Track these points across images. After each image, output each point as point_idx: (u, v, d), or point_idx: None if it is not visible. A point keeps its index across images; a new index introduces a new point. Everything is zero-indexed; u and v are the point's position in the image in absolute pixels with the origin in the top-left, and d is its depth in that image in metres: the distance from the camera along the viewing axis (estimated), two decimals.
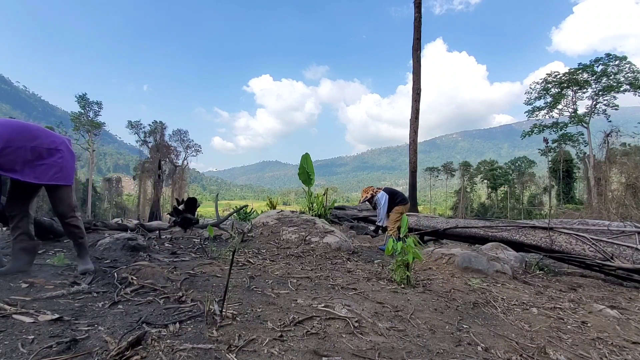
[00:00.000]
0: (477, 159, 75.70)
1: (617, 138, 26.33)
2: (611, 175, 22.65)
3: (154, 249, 4.12)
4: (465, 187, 59.78)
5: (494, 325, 2.38)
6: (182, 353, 1.47)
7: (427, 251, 4.71)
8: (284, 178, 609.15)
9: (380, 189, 5.87)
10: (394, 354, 1.73)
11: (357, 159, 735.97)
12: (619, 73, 31.23)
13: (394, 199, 5.72)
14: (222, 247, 4.40)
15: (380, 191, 5.76)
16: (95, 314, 1.92)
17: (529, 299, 3.15)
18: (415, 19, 11.99)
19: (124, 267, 2.99)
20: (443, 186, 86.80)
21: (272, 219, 5.75)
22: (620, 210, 13.63)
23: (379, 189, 5.82)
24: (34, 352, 1.43)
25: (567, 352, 2.04)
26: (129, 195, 70.03)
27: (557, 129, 35.95)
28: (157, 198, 38.36)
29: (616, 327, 2.57)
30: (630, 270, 4.43)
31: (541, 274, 4.58)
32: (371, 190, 5.81)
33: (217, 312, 1.91)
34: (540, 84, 35.49)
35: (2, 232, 5.03)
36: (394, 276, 3.32)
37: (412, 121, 11.76)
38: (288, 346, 1.67)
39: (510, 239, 5.60)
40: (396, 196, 5.76)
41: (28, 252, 2.62)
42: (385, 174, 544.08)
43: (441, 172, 67.74)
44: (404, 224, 3.77)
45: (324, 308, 2.26)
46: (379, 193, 5.73)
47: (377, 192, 5.77)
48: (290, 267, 3.59)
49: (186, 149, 49.39)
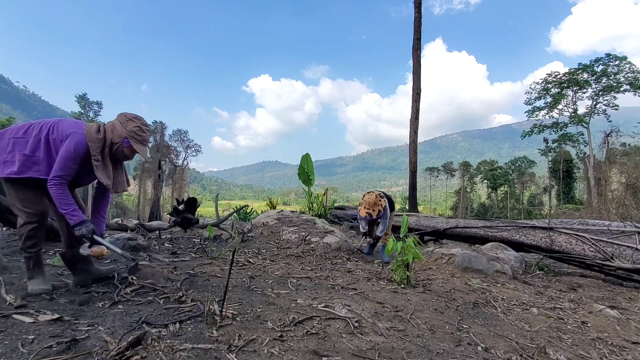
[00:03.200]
0: (477, 159, 75.71)
1: (617, 138, 26.31)
2: (611, 175, 22.65)
3: (154, 249, 4.12)
4: (465, 187, 59.79)
5: (494, 325, 2.38)
6: (182, 353, 1.47)
7: (427, 251, 4.71)
8: (284, 178, 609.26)
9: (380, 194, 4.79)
10: (394, 354, 1.73)
11: (357, 159, 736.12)
12: (619, 73, 31.26)
13: (392, 206, 4.97)
14: (222, 247, 4.40)
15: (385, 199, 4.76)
16: (95, 314, 1.92)
17: (529, 299, 3.15)
18: (415, 19, 11.99)
19: (124, 267, 2.99)
20: (443, 186, 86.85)
21: (272, 219, 5.75)
22: (620, 210, 13.64)
23: (382, 197, 4.75)
24: (34, 352, 1.43)
25: (567, 352, 2.04)
26: (129, 195, 70.01)
27: (557, 129, 35.97)
28: (157, 198, 38.35)
29: (616, 327, 2.57)
30: (630, 270, 4.43)
31: (541, 274, 4.58)
32: (380, 201, 4.62)
33: (217, 312, 1.91)
34: (541, 84, 35.52)
35: (2, 232, 5.03)
36: (394, 276, 3.32)
37: (412, 121, 11.76)
38: (288, 346, 1.67)
39: (510, 239, 5.60)
40: (392, 202, 5.01)
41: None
42: (385, 174, 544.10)
43: (441, 172, 67.78)
44: (404, 224, 3.76)
45: (324, 308, 2.26)
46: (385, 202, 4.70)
47: (384, 201, 4.69)
48: (290, 267, 3.59)
49: (186, 149, 49.44)
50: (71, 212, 2.14)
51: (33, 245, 2.23)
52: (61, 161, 2.12)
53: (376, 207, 4.54)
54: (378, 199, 4.60)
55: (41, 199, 2.24)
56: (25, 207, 2.18)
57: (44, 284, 2.24)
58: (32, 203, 2.19)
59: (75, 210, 2.16)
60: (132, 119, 2.30)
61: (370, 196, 4.65)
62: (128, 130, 2.27)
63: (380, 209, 4.55)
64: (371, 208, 4.55)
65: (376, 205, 4.55)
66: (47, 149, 2.18)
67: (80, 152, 2.17)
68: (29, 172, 2.14)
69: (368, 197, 4.66)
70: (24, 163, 2.13)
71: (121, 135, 2.27)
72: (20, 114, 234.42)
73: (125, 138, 2.27)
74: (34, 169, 2.15)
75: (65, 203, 2.12)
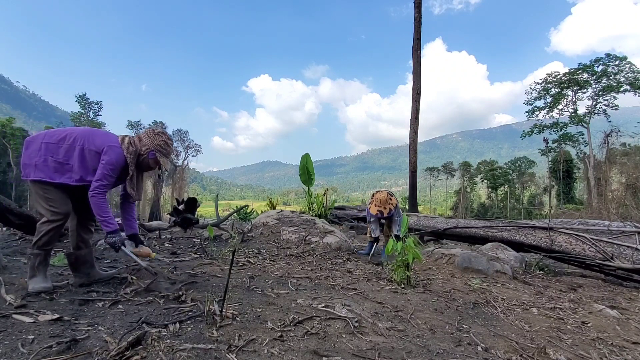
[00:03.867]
0: (477, 159, 75.71)
1: (617, 138, 26.31)
2: (611, 175, 22.65)
3: (154, 249, 4.12)
4: (465, 187, 59.77)
5: (494, 325, 2.38)
6: (182, 353, 1.47)
7: (427, 251, 4.71)
8: (284, 178, 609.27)
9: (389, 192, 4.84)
10: (394, 354, 1.73)
11: (357, 159, 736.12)
12: (619, 73, 31.25)
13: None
14: (222, 247, 4.40)
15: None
16: (95, 314, 1.92)
17: (529, 299, 3.15)
18: (415, 19, 11.99)
19: (124, 267, 2.99)
20: (443, 186, 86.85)
21: (272, 219, 5.75)
22: (620, 210, 13.63)
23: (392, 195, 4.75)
24: (34, 352, 1.43)
25: (567, 352, 2.04)
26: None
27: (557, 129, 35.96)
28: (157, 198, 38.38)
29: (616, 327, 2.57)
30: (630, 270, 4.43)
31: (541, 274, 4.58)
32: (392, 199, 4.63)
33: (217, 312, 1.91)
34: (541, 84, 35.51)
35: (2, 232, 5.03)
36: (394, 276, 3.32)
37: (412, 121, 11.75)
38: (288, 346, 1.67)
39: (510, 239, 5.60)
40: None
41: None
42: (385, 174, 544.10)
43: (441, 172, 67.76)
44: (404, 224, 3.75)
45: (324, 308, 2.26)
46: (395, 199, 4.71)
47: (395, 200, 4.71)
48: (290, 267, 3.59)
49: (186, 149, 49.42)
50: (108, 220, 2.31)
51: (47, 243, 2.30)
52: (103, 172, 2.28)
53: (387, 205, 4.53)
54: (389, 197, 4.61)
55: (67, 201, 2.35)
56: (52, 207, 2.27)
57: (45, 282, 2.27)
58: (60, 204, 2.29)
59: (112, 219, 2.33)
60: (159, 134, 2.50)
61: (381, 194, 4.64)
62: (155, 144, 2.45)
63: (391, 207, 4.54)
64: (382, 206, 4.52)
65: (387, 203, 4.54)
66: (82, 159, 2.30)
67: (120, 164, 2.35)
68: (61, 178, 2.27)
69: (379, 195, 4.65)
70: (57, 169, 2.27)
71: (148, 148, 2.44)
72: (20, 114, 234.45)
73: (152, 150, 2.44)
74: (67, 176, 2.29)
75: (104, 211, 2.29)
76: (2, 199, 3.76)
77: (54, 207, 2.26)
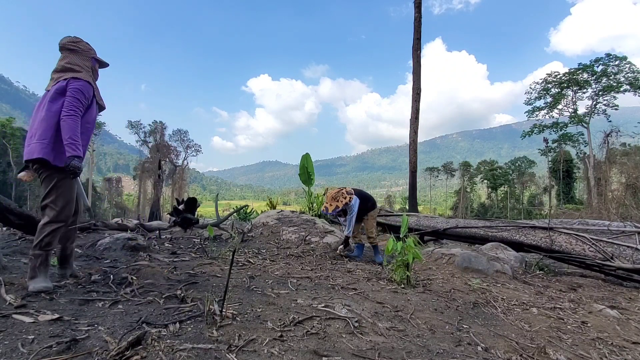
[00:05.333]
0: (477, 159, 75.70)
1: (617, 138, 26.34)
2: (611, 175, 22.65)
3: (154, 249, 4.12)
4: (465, 187, 59.78)
5: (494, 325, 2.38)
6: (182, 353, 1.47)
7: (427, 251, 4.71)
8: (284, 178, 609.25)
9: (348, 190, 4.51)
10: (394, 354, 1.73)
11: (357, 159, 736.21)
12: (619, 73, 31.24)
13: (367, 204, 4.67)
14: (222, 247, 4.40)
15: (353, 195, 4.48)
16: (95, 313, 1.92)
17: (529, 299, 3.15)
18: (415, 19, 11.98)
19: (124, 267, 2.99)
20: (443, 186, 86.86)
21: (272, 219, 5.75)
22: (620, 210, 13.63)
23: (350, 194, 4.47)
24: (34, 352, 1.43)
25: (567, 352, 2.04)
26: (129, 195, 70.06)
27: (557, 129, 35.95)
28: (157, 198, 38.35)
29: (616, 327, 2.57)
30: (630, 270, 4.43)
31: (541, 274, 4.58)
32: (343, 197, 4.37)
33: (217, 312, 1.91)
34: (541, 84, 35.51)
35: (2, 232, 5.03)
36: (394, 276, 3.32)
37: (412, 121, 11.75)
38: (288, 346, 1.67)
39: (510, 239, 5.60)
40: (369, 200, 4.72)
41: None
42: (385, 174, 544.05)
43: (441, 172, 67.76)
44: (404, 224, 3.76)
45: (324, 308, 2.26)
46: (352, 199, 4.44)
47: (350, 198, 4.42)
48: (290, 267, 3.59)
49: (186, 148, 49.41)
50: (79, 145, 2.30)
51: (49, 243, 2.31)
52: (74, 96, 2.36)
53: (334, 202, 4.33)
54: (342, 194, 4.38)
55: (74, 203, 2.40)
56: (60, 206, 2.31)
57: (45, 282, 2.27)
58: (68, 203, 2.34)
59: (81, 146, 2.35)
60: (76, 42, 2.59)
61: (332, 191, 4.50)
62: (87, 51, 2.60)
63: (339, 204, 4.30)
64: (328, 202, 4.36)
65: (335, 200, 4.34)
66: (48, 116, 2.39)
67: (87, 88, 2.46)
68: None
69: (330, 191, 4.56)
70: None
71: (89, 58, 2.61)
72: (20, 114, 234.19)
73: (92, 58, 2.64)
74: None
75: (78, 135, 2.31)
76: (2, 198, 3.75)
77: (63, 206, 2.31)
